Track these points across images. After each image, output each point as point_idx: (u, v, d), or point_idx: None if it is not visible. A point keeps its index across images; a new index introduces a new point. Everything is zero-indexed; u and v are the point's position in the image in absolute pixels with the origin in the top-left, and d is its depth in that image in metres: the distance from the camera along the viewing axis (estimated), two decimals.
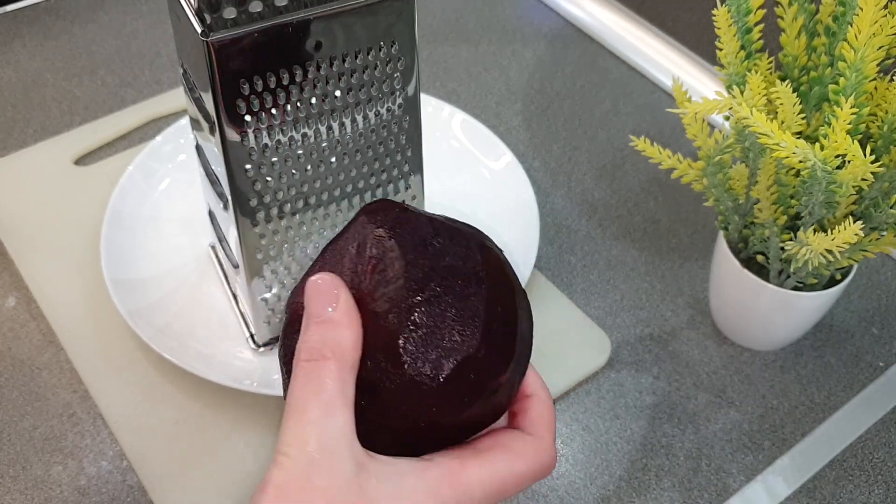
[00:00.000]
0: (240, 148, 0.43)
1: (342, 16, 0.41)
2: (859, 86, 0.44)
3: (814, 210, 0.47)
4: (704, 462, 0.53)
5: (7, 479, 0.50)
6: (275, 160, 0.44)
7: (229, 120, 0.42)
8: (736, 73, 0.49)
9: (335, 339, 0.32)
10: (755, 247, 0.53)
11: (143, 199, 0.62)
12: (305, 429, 0.30)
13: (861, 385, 0.57)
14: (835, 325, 0.60)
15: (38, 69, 0.75)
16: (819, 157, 0.43)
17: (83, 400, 0.54)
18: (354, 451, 0.31)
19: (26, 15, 0.80)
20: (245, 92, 0.41)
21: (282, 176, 0.45)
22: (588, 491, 0.51)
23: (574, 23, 0.83)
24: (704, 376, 0.57)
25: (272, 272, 0.49)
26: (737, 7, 0.48)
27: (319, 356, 0.31)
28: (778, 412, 0.55)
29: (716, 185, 0.52)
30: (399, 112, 0.46)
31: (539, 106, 0.75)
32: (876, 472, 0.53)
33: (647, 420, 0.55)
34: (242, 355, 0.54)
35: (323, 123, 0.44)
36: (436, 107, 0.68)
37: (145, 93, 0.73)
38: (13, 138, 0.69)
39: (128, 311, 0.54)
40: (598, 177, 0.69)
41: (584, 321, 0.58)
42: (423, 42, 0.81)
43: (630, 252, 0.64)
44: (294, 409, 0.31)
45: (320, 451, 0.30)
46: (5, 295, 0.59)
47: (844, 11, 0.47)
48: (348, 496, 0.29)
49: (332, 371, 0.31)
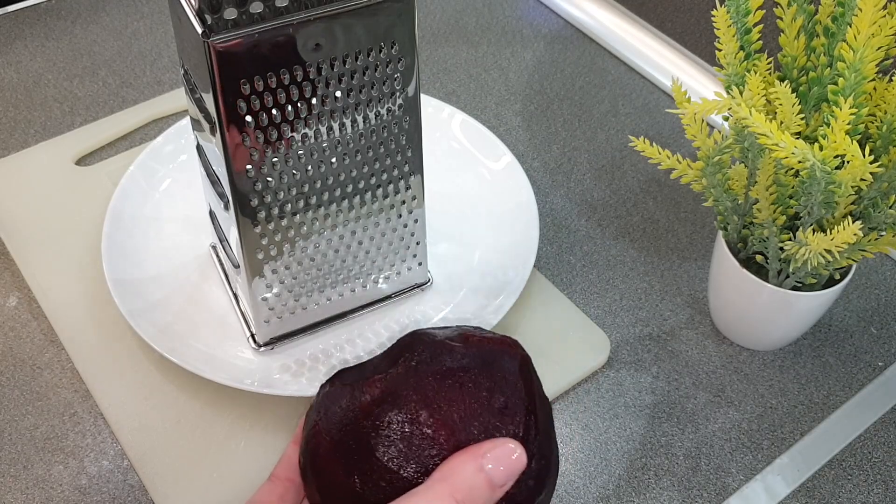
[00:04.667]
0: (240, 148, 0.43)
1: (342, 17, 0.41)
2: (858, 86, 0.45)
3: (813, 210, 0.47)
4: (704, 461, 0.53)
5: (8, 479, 0.50)
6: (275, 160, 0.44)
7: (230, 120, 0.42)
8: (735, 73, 0.49)
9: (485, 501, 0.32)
10: (754, 247, 0.53)
11: (145, 200, 0.62)
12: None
13: (860, 385, 0.57)
14: (834, 325, 0.60)
15: (40, 69, 0.75)
16: (818, 157, 0.43)
17: (84, 399, 0.54)
18: None
19: (27, 15, 0.80)
20: (246, 93, 0.41)
21: (282, 176, 0.45)
22: (587, 490, 0.51)
23: (573, 24, 0.83)
24: (703, 376, 0.57)
25: (273, 272, 0.49)
26: (736, 8, 0.48)
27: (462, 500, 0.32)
28: (777, 411, 0.55)
29: (715, 186, 0.52)
30: (399, 113, 0.47)
31: (539, 106, 0.75)
32: (875, 472, 0.53)
33: (647, 419, 0.55)
34: (243, 355, 0.54)
35: (323, 124, 0.45)
36: (436, 107, 0.69)
37: (146, 93, 0.73)
38: (14, 138, 0.69)
39: (129, 310, 0.54)
40: (598, 177, 0.69)
41: (583, 321, 0.59)
42: (423, 42, 0.81)
43: (629, 252, 0.64)
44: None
45: None
46: (6, 295, 0.59)
47: (843, 12, 0.47)
48: None
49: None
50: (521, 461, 0.33)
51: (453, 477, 0.32)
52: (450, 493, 0.31)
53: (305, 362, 0.54)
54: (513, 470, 0.33)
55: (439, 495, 0.32)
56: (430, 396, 0.34)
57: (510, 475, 0.33)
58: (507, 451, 0.33)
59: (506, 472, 0.32)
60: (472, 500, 0.32)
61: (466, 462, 0.32)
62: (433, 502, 0.31)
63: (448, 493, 0.31)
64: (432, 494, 0.32)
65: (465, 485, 0.32)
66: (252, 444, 0.51)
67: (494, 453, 0.33)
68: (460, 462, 0.32)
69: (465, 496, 0.32)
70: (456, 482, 0.32)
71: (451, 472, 0.32)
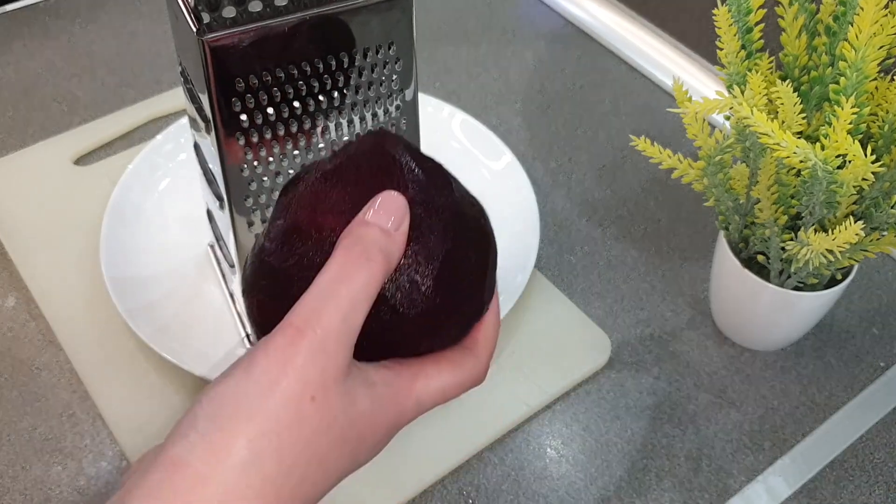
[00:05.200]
0: (235, 146, 0.43)
1: (340, 16, 0.41)
2: (860, 85, 0.44)
3: (814, 210, 0.47)
4: (705, 462, 0.53)
5: (7, 480, 0.50)
6: (271, 160, 0.44)
7: (225, 119, 0.41)
8: (736, 72, 0.49)
9: (389, 249, 0.34)
10: (756, 247, 0.53)
11: (143, 199, 0.62)
12: (331, 307, 0.32)
13: (862, 385, 0.57)
14: (835, 326, 0.60)
15: (38, 69, 0.75)
16: (820, 156, 0.43)
17: (82, 400, 0.54)
18: (352, 349, 0.33)
19: (26, 15, 0.80)
20: (240, 90, 0.41)
21: (278, 175, 0.45)
22: (588, 491, 0.51)
23: (574, 23, 0.83)
24: (705, 376, 0.57)
25: None
26: (737, 7, 0.48)
27: (369, 253, 0.33)
28: (778, 412, 0.55)
29: (716, 185, 0.52)
30: (396, 114, 0.46)
31: (539, 106, 0.75)
32: (876, 473, 0.53)
33: (648, 420, 0.54)
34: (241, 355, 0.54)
35: (319, 124, 0.44)
36: (436, 107, 0.68)
37: (145, 92, 0.73)
38: (13, 138, 0.69)
39: (127, 310, 0.54)
40: (599, 177, 0.69)
41: (584, 321, 0.58)
42: (423, 42, 0.81)
43: (630, 252, 0.64)
44: (326, 286, 0.32)
45: (336, 333, 0.32)
46: (5, 295, 0.59)
47: (845, 11, 0.47)
48: (338, 383, 0.32)
49: (374, 271, 0.33)
50: (396, 200, 0.34)
51: (346, 241, 0.33)
52: (352, 257, 0.33)
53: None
54: (390, 208, 0.34)
55: (344, 261, 0.33)
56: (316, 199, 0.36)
57: (390, 214, 0.34)
58: (381, 197, 0.35)
59: (385, 212, 0.34)
60: (375, 253, 0.33)
61: (352, 227, 0.34)
62: (344, 267, 0.33)
63: (350, 257, 0.33)
64: (336, 265, 0.33)
65: (359, 242, 0.33)
66: None
67: (372, 206, 0.34)
68: (347, 230, 0.34)
69: (365, 251, 0.33)
70: (350, 244, 0.33)
71: (343, 241, 0.34)
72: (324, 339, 0.32)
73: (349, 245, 0.33)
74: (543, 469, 0.52)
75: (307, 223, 0.35)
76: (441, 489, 0.51)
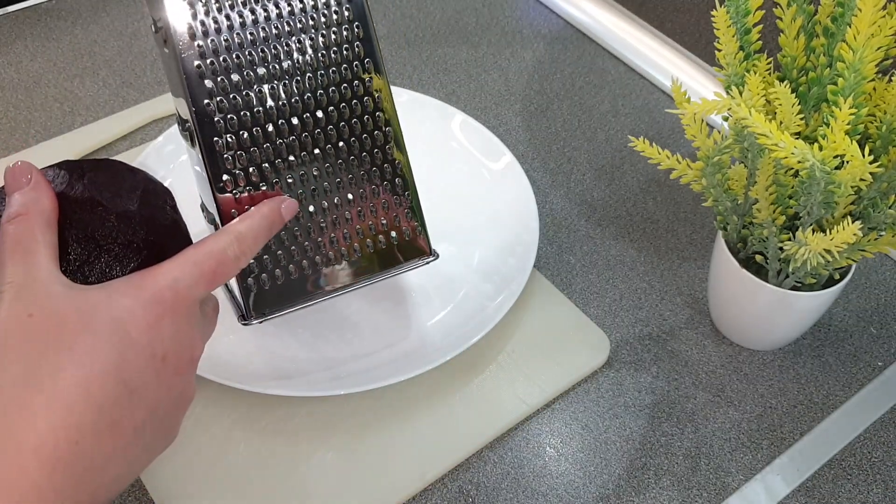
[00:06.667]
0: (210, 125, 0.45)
1: None
2: (858, 86, 0.45)
3: (812, 210, 0.47)
4: (703, 461, 0.53)
5: None
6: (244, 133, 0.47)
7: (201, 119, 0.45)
8: (735, 73, 0.49)
9: (33, 199, 0.38)
10: (754, 247, 0.53)
11: None
12: (19, 266, 0.36)
13: (859, 384, 0.57)
14: (833, 325, 0.60)
15: (40, 70, 0.75)
16: (818, 157, 0.43)
17: None
18: (61, 278, 0.37)
19: (28, 16, 0.80)
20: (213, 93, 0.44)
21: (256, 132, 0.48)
22: (587, 490, 0.51)
23: (573, 24, 0.83)
24: (703, 375, 0.57)
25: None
26: (736, 8, 0.49)
27: (24, 213, 0.38)
28: (777, 411, 0.56)
29: (714, 186, 0.52)
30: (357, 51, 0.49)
31: (538, 106, 0.75)
32: (874, 472, 0.53)
33: (647, 419, 0.55)
34: (243, 355, 0.54)
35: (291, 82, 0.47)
36: (435, 107, 0.69)
37: (147, 93, 0.74)
38: (15, 139, 0.69)
39: None
40: (598, 177, 0.70)
41: (583, 321, 0.59)
42: (423, 42, 0.81)
43: (629, 252, 0.64)
44: (10, 254, 0.37)
45: (44, 280, 0.36)
46: None
47: (843, 12, 0.47)
48: (66, 298, 0.36)
49: (33, 221, 0.37)
50: (14, 169, 0.39)
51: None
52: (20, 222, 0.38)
53: (305, 364, 0.54)
54: (18, 175, 0.39)
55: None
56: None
57: (18, 177, 0.39)
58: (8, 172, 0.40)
59: (13, 179, 0.39)
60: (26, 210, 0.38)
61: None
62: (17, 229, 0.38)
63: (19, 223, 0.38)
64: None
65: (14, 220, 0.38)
66: (252, 444, 0.51)
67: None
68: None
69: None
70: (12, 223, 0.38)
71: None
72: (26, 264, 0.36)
73: (7, 220, 0.38)
74: (543, 467, 0.52)
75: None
76: (441, 487, 0.51)
